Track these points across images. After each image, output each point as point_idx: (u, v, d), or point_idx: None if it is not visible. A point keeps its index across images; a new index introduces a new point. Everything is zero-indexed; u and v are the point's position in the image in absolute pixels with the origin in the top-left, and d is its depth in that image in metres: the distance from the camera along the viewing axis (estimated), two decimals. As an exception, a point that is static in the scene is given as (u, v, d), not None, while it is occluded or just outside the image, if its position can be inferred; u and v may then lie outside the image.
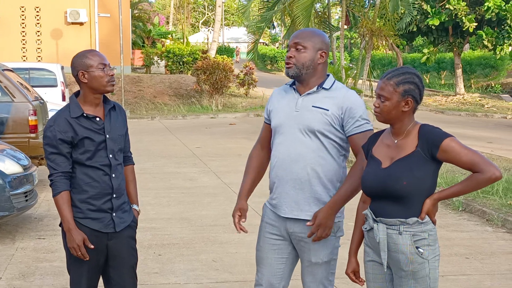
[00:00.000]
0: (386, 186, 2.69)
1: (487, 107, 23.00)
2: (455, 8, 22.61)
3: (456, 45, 24.99)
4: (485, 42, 23.33)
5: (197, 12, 65.12)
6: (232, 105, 22.36)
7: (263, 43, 56.14)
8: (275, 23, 24.15)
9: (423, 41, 34.43)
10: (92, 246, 3.10)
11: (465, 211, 7.52)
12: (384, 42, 16.20)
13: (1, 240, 6.16)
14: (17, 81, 8.83)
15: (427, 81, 30.41)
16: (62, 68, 15.35)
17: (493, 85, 27.79)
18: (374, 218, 2.76)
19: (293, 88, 3.15)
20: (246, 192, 3.33)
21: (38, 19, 24.62)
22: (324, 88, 3.08)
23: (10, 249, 5.86)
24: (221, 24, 42.50)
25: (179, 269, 5.32)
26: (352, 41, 46.76)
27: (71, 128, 3.09)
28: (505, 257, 5.80)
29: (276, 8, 16.25)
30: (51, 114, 3.39)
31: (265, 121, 3.30)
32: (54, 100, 13.45)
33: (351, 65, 23.41)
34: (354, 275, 2.94)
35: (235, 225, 3.26)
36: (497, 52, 23.37)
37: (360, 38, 17.96)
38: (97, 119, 3.15)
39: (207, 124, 17.87)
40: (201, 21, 63.74)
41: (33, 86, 11.00)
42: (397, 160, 2.72)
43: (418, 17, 23.19)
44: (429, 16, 23.20)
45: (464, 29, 23.07)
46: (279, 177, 3.12)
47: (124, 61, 22.49)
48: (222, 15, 46.26)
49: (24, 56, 24.52)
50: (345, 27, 17.21)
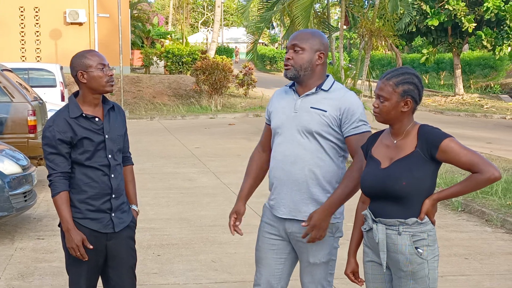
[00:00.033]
0: (386, 187, 2.69)
1: (486, 108, 23.01)
2: (454, 9, 22.62)
3: (455, 46, 25.00)
4: (484, 43, 23.35)
5: (196, 13, 65.11)
6: (231, 106, 22.36)
7: (263, 44, 56.17)
8: (275, 24, 24.14)
9: (422, 42, 34.47)
10: (91, 247, 3.10)
11: (464, 212, 7.52)
12: (383, 43, 16.20)
13: (0, 241, 6.16)
14: (16, 81, 8.82)
15: (426, 82, 30.40)
16: (61, 68, 15.35)
17: (492, 86, 27.80)
18: (373, 219, 2.76)
19: (293, 90, 3.15)
20: (245, 195, 3.34)
21: (37, 19, 24.61)
22: (323, 89, 3.07)
23: (9, 250, 5.85)
24: (220, 25, 42.51)
25: (178, 270, 5.32)
26: (352, 42, 46.76)
27: (70, 128, 3.08)
28: (504, 258, 5.80)
29: (276, 9, 16.25)
30: (50, 115, 3.37)
31: (266, 122, 3.30)
32: (53, 100, 13.45)
33: (350, 66, 23.43)
34: (353, 276, 2.94)
35: (229, 227, 3.31)
36: (496, 53, 23.39)
37: (360, 39, 17.96)
38: (96, 119, 3.15)
39: (206, 125, 17.87)
40: (200, 22, 63.75)
41: (32, 86, 11.00)
42: (397, 161, 2.72)
43: (417, 18, 23.20)
44: (428, 17, 23.21)
45: (463, 30, 23.08)
46: (278, 178, 3.13)
47: (123, 61, 22.49)
48: (221, 16, 46.23)
49: (23, 56, 24.51)
50: (344, 28, 17.20)
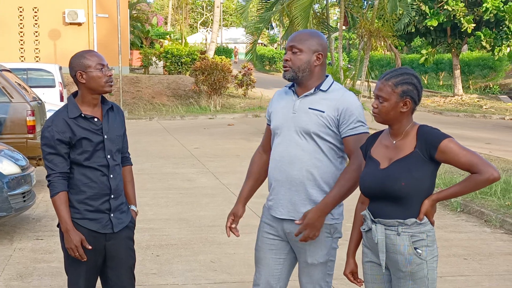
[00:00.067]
0: (385, 187, 2.69)
1: (486, 108, 23.03)
2: (454, 9, 22.63)
3: (455, 46, 25.02)
4: (484, 43, 23.37)
5: (196, 13, 65.14)
6: (231, 106, 22.35)
7: (262, 44, 56.18)
8: (274, 24, 24.12)
9: (422, 42, 34.47)
10: (90, 247, 3.10)
11: (464, 212, 7.52)
12: (383, 43, 16.19)
13: (-1, 241, 6.16)
14: (15, 82, 8.82)
15: (426, 82, 30.42)
16: (60, 69, 15.34)
17: (492, 86, 27.81)
18: (373, 219, 2.75)
19: (292, 90, 3.15)
20: (244, 197, 3.35)
21: (36, 20, 24.60)
22: (322, 90, 3.07)
23: (8, 250, 5.85)
24: (220, 25, 42.54)
25: (177, 270, 5.31)
26: (351, 42, 46.80)
27: (69, 129, 3.08)
28: (503, 258, 5.80)
29: (275, 9, 16.24)
30: (49, 115, 3.37)
31: (267, 123, 3.30)
32: (52, 101, 13.45)
33: (350, 66, 23.44)
34: (352, 276, 2.94)
35: (226, 228, 3.31)
36: (496, 53, 23.41)
37: (359, 39, 17.96)
38: (95, 120, 3.15)
39: (206, 125, 17.86)
40: (200, 22, 63.77)
41: (31, 87, 10.99)
42: (396, 161, 2.72)
43: (417, 18, 23.20)
44: (428, 17, 23.22)
45: (463, 30, 23.10)
46: (276, 179, 3.12)
47: (122, 62, 22.48)
48: (221, 16, 46.24)
49: (22, 57, 24.50)
50: (344, 28, 17.21)
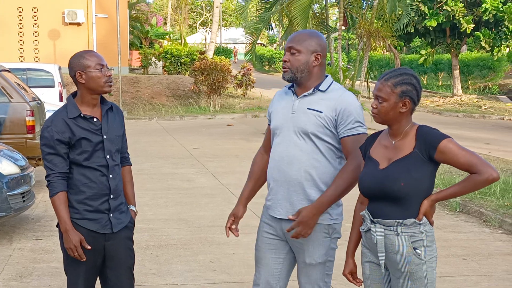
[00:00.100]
0: (384, 187, 2.69)
1: (485, 109, 23.04)
2: (453, 10, 22.64)
3: (454, 46, 25.03)
4: (483, 44, 23.39)
5: (195, 13, 65.12)
6: (230, 106, 22.36)
7: (261, 44, 56.17)
8: (273, 24, 24.13)
9: (421, 42, 34.47)
10: (89, 247, 3.10)
11: (463, 212, 7.53)
12: (382, 43, 16.21)
13: (-2, 241, 6.16)
14: (14, 82, 8.82)
15: (425, 82, 30.44)
16: (60, 69, 15.34)
17: (491, 87, 27.83)
18: (372, 219, 2.76)
19: (292, 91, 3.15)
20: (245, 198, 3.35)
21: (36, 20, 24.59)
22: (320, 90, 3.07)
23: (7, 250, 5.85)
24: (219, 25, 42.53)
25: (177, 270, 5.31)
26: (350, 42, 46.80)
27: (69, 129, 3.08)
28: (502, 258, 5.81)
29: (274, 9, 16.25)
30: (49, 115, 3.38)
31: (268, 123, 3.31)
32: (52, 101, 13.45)
33: (349, 66, 23.43)
34: (352, 276, 2.94)
35: (225, 229, 3.32)
36: (495, 54, 23.43)
37: (358, 39, 17.96)
38: (95, 120, 3.15)
39: (205, 125, 17.87)
40: (199, 22, 63.74)
41: (31, 87, 10.99)
42: (395, 161, 2.72)
43: (416, 18, 23.21)
44: (427, 18, 23.23)
45: (462, 31, 23.11)
46: (275, 179, 3.13)
47: (122, 62, 22.48)
48: (220, 16, 46.27)
49: (22, 57, 24.49)
50: (343, 28, 17.22)
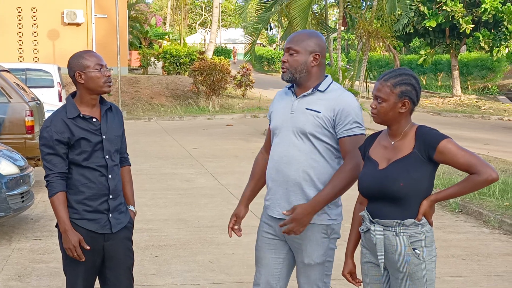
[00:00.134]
0: (383, 188, 2.69)
1: (484, 109, 23.05)
2: (452, 10, 22.65)
3: (453, 47, 25.04)
4: (482, 44, 23.40)
5: (194, 13, 65.12)
6: (229, 106, 22.36)
7: (260, 44, 56.18)
8: (272, 24, 24.13)
9: (420, 43, 34.50)
10: (88, 247, 3.09)
11: (462, 213, 7.53)
12: (381, 44, 16.22)
13: (-3, 241, 6.15)
14: (14, 82, 8.81)
15: (424, 83, 30.42)
16: (59, 69, 15.35)
17: (490, 87, 27.83)
18: (371, 220, 2.75)
19: (291, 91, 3.16)
20: (246, 198, 3.36)
21: (35, 20, 24.59)
22: (319, 90, 3.06)
23: (6, 250, 5.84)
24: (218, 25, 42.53)
25: (176, 270, 5.31)
26: (349, 43, 46.80)
27: (68, 129, 3.08)
28: (502, 259, 5.81)
29: (273, 9, 16.26)
30: (48, 115, 3.38)
31: (269, 123, 3.31)
32: (51, 101, 13.45)
33: (348, 67, 23.44)
34: (351, 276, 2.94)
35: (228, 229, 3.35)
36: (494, 54, 23.44)
37: (357, 40, 17.97)
38: (94, 120, 3.15)
39: (204, 125, 17.87)
40: (198, 22, 63.74)
41: (30, 87, 11.00)
42: (394, 162, 2.72)
43: (415, 19, 23.22)
44: (426, 18, 23.24)
45: (461, 31, 23.12)
46: (273, 179, 3.13)
47: (121, 62, 22.48)
48: (219, 16, 46.28)
49: (21, 57, 24.49)
50: (342, 29, 17.24)
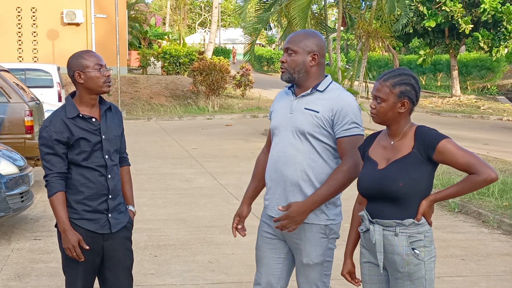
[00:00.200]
0: (382, 187, 2.69)
1: (483, 109, 23.06)
2: (451, 10, 22.66)
3: (452, 47, 25.05)
4: (481, 44, 23.40)
5: (194, 13, 65.09)
6: (229, 106, 22.36)
7: (260, 44, 56.19)
8: (272, 25, 24.15)
9: (419, 43, 34.48)
10: (87, 247, 3.09)
11: (461, 213, 7.53)
12: (381, 44, 16.22)
13: (-3, 241, 6.15)
14: (13, 82, 8.81)
15: (423, 83, 30.43)
16: (58, 69, 15.35)
17: (489, 87, 27.84)
18: (370, 220, 2.76)
19: (291, 91, 3.16)
20: (248, 198, 3.36)
21: (34, 20, 24.59)
22: (318, 90, 3.06)
23: (6, 250, 5.84)
24: (218, 25, 42.52)
25: (175, 270, 5.31)
26: (349, 43, 46.81)
27: (67, 129, 3.08)
28: (501, 259, 5.81)
29: (273, 10, 16.26)
30: (47, 115, 3.38)
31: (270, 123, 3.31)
32: (50, 101, 13.45)
33: (348, 67, 23.43)
34: (350, 276, 2.94)
35: (232, 229, 3.34)
36: (493, 54, 23.44)
37: (357, 40, 17.97)
38: (93, 120, 3.15)
39: (204, 125, 17.87)
40: (198, 22, 63.72)
41: (29, 87, 11.00)
42: (393, 162, 2.72)
43: (415, 19, 23.23)
44: (425, 18, 23.25)
45: (460, 31, 23.13)
46: (272, 179, 3.13)
47: (121, 62, 22.48)
48: (219, 16, 46.26)
49: (20, 57, 24.48)
50: (342, 29, 17.23)
